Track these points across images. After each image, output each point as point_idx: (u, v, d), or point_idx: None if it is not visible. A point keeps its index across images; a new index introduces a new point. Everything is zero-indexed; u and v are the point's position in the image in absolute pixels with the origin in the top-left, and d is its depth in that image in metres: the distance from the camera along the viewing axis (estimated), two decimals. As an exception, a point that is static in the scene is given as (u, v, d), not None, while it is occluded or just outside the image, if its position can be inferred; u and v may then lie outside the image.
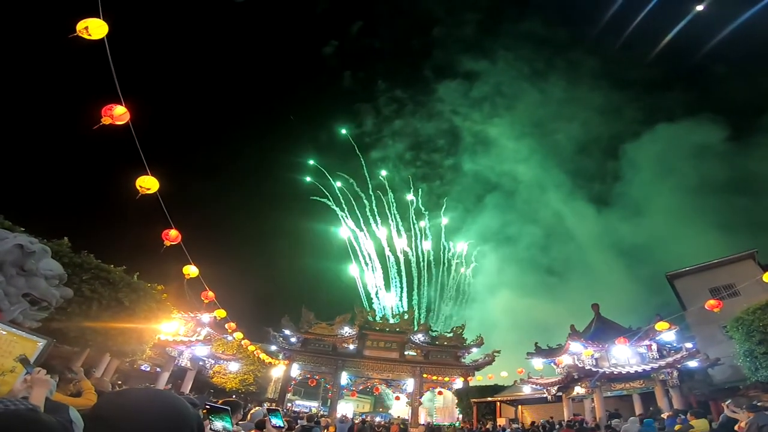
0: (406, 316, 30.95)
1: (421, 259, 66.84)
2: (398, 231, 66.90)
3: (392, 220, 67.44)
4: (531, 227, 67.45)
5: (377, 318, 31.33)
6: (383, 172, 69.40)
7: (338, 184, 67.13)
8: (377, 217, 66.98)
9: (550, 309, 49.51)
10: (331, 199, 67.15)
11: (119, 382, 15.22)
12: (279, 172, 73.36)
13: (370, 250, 65.49)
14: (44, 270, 6.78)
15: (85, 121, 7.37)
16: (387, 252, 65.64)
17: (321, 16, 71.05)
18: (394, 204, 68.16)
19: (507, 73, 71.77)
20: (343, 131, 69.43)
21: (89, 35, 6.42)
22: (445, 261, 67.70)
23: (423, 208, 69.79)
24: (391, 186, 69.16)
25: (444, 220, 69.93)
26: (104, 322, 11.27)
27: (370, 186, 68.12)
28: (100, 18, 6.46)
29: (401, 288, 64.25)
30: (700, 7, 48.04)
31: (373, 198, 67.90)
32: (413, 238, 67.53)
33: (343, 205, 67.19)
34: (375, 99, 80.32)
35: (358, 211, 66.98)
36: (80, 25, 6.36)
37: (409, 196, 69.62)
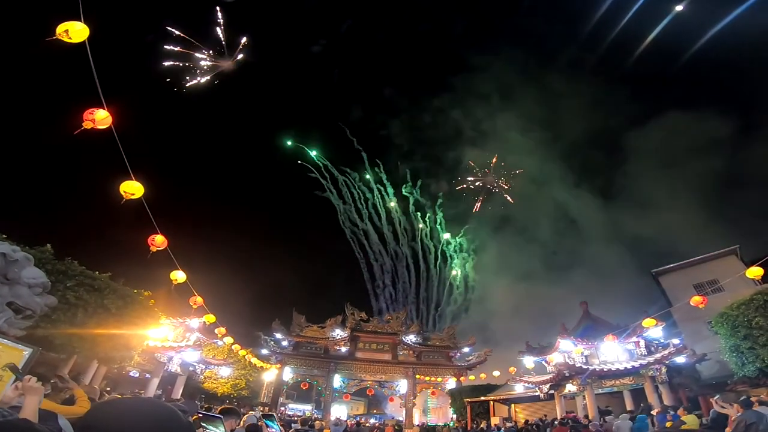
0: (398, 318, 30.97)
1: (428, 253, 66.86)
2: (399, 227, 66.79)
3: (394, 215, 67.37)
4: (529, 222, 67.49)
5: (372, 318, 31.29)
6: (383, 168, 68.84)
7: (338, 180, 66.76)
8: (379, 213, 66.77)
9: (543, 305, 49.69)
10: (332, 194, 66.66)
11: (108, 389, 14.96)
12: (273, 172, 72.17)
13: (370, 249, 65.40)
14: (27, 278, 6.65)
15: (67, 125, 7.23)
16: (387, 250, 65.63)
17: (315, 12, 69.83)
18: (396, 199, 67.95)
19: (509, 68, 71.60)
20: (342, 126, 68.55)
21: (69, 38, 6.29)
22: (447, 257, 67.82)
23: (423, 200, 69.61)
24: (391, 181, 68.78)
25: (442, 215, 69.93)
26: (90, 329, 11.09)
27: (371, 180, 67.81)
28: (80, 21, 6.35)
29: (408, 284, 64.33)
30: (679, 7, 48.83)
31: (375, 193, 67.63)
32: (413, 234, 67.56)
33: (346, 199, 66.80)
34: (375, 96, 79.66)
35: (358, 208, 66.70)
36: (60, 28, 6.23)
37: (411, 195, 69.24)
